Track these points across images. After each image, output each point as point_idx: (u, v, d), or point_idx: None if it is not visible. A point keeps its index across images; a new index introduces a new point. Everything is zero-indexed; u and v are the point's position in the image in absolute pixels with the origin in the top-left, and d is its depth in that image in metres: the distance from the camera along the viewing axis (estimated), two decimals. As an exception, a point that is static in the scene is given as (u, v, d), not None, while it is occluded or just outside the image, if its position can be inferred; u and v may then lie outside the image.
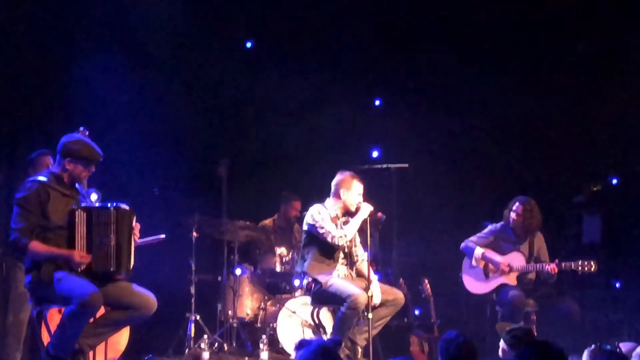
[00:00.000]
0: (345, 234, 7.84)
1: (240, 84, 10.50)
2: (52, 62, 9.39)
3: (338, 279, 7.85)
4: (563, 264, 8.54)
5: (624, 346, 6.53)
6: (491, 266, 8.76)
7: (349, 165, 9.13)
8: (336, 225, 7.92)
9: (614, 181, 11.19)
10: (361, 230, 7.98)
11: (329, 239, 7.81)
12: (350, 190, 7.96)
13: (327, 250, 7.92)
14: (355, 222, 7.91)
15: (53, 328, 6.49)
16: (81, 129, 7.00)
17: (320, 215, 7.91)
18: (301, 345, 5.15)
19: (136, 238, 6.63)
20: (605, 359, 4.49)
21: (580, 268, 8.46)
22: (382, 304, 7.80)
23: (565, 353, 4.33)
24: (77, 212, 6.35)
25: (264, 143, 10.54)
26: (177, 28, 9.92)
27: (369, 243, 7.96)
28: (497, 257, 8.72)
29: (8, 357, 7.51)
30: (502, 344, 6.29)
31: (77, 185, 6.58)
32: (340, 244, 7.84)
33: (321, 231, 7.85)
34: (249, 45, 10.84)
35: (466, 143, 10.77)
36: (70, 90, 9.43)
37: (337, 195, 8.00)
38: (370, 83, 10.96)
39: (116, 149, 9.07)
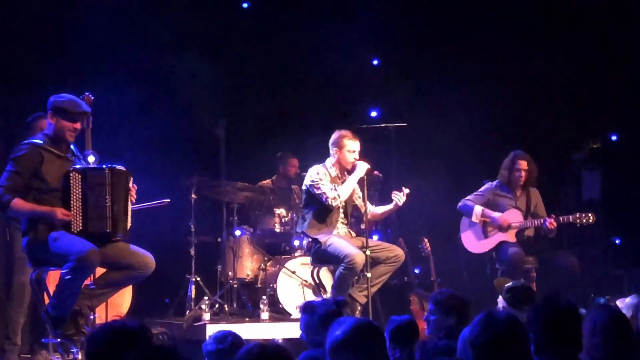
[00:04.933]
0: (338, 194, 7.83)
1: (239, 44, 10.47)
2: (50, 27, 9.38)
3: (337, 238, 7.87)
4: (561, 218, 8.55)
5: (620, 302, 6.54)
6: (490, 224, 8.76)
7: (348, 125, 9.13)
8: (335, 185, 7.91)
9: (614, 137, 11.16)
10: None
11: (323, 200, 7.82)
12: (343, 149, 7.94)
13: (326, 211, 7.93)
14: (350, 182, 7.90)
15: (52, 290, 6.52)
16: (87, 94, 6.99)
17: (318, 176, 7.90)
18: (306, 308, 5.19)
19: (133, 199, 6.63)
20: (596, 313, 4.49)
21: (578, 220, 8.48)
22: (382, 261, 7.82)
23: (577, 308, 4.32)
24: (71, 174, 6.35)
25: (263, 103, 10.51)
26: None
27: (365, 202, 7.94)
28: (495, 214, 8.72)
29: (12, 319, 7.55)
30: (500, 300, 6.31)
31: (73, 147, 6.58)
32: (334, 205, 7.85)
33: (317, 192, 7.86)
34: (245, 5, 10.78)
35: (465, 101, 10.74)
36: (68, 53, 9.42)
37: (333, 155, 8.00)
38: (369, 43, 10.90)
39: (113, 112, 9.08)
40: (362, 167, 7.87)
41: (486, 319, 3.87)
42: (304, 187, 8.09)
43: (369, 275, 7.64)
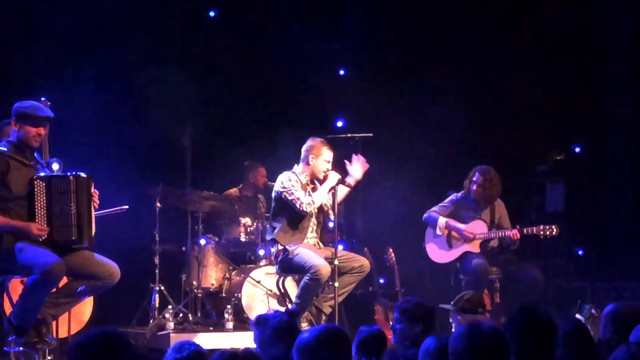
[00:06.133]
0: (313, 200, 7.83)
1: (206, 53, 10.47)
2: (16, 34, 9.35)
3: (304, 248, 7.84)
4: (525, 229, 8.59)
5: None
6: (454, 235, 8.80)
7: (314, 134, 9.15)
8: (305, 192, 7.90)
9: (577, 150, 11.24)
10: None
11: (297, 206, 7.79)
12: (319, 157, 7.93)
13: (297, 219, 7.90)
14: (323, 190, 7.88)
15: (15, 298, 6.47)
16: (43, 99, 6.95)
17: (290, 182, 7.86)
18: (258, 322, 5.16)
19: (95, 205, 6.59)
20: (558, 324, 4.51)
21: (542, 232, 8.52)
22: (347, 271, 7.81)
23: (553, 319, 4.35)
24: (36, 182, 6.31)
25: (229, 112, 10.50)
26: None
27: (336, 212, 7.94)
28: (460, 225, 8.77)
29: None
30: (453, 317, 6.36)
31: (36, 155, 6.53)
32: (307, 211, 7.83)
33: (290, 197, 7.82)
34: (212, 14, 10.78)
35: (430, 112, 10.79)
36: (35, 59, 9.40)
37: (306, 162, 7.97)
38: (335, 53, 10.93)
39: (79, 120, 9.03)
40: (334, 177, 7.87)
41: (471, 330, 3.88)
42: (273, 195, 8.03)
43: (336, 284, 7.63)
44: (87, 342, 3.67)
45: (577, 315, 7.55)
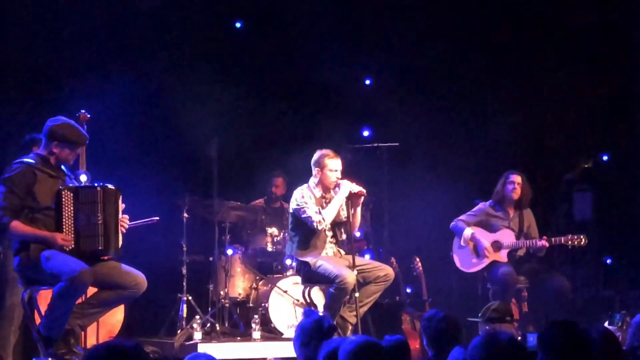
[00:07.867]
0: (323, 218, 7.77)
1: (232, 64, 10.52)
2: (45, 46, 9.45)
3: (326, 258, 7.83)
4: (553, 239, 8.56)
5: None
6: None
7: (340, 144, 9.17)
8: (322, 206, 7.86)
9: (605, 158, 11.18)
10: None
11: (309, 224, 7.79)
12: (324, 169, 7.86)
13: (313, 233, 7.86)
14: (334, 204, 7.81)
15: (44, 310, 6.50)
16: (83, 111, 7.01)
17: (303, 200, 7.83)
18: (304, 313, 5.26)
19: (124, 225, 6.63)
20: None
21: (570, 242, 8.49)
22: (372, 281, 7.80)
23: (588, 333, 4.33)
24: (63, 192, 6.36)
25: (255, 123, 10.53)
26: (165, 10, 9.91)
27: (351, 221, 7.83)
28: (484, 240, 8.71)
29: (3, 339, 7.52)
30: (483, 327, 6.34)
31: (64, 167, 6.59)
32: (319, 228, 7.80)
33: (303, 216, 7.80)
34: (238, 25, 10.83)
35: (457, 121, 10.78)
36: (61, 73, 9.48)
37: (315, 175, 7.97)
38: (362, 62, 10.95)
39: (106, 132, 9.10)
40: (346, 187, 7.82)
41: (489, 339, 3.87)
42: (290, 210, 8.04)
43: (357, 295, 7.61)
44: (96, 356, 3.65)
45: (607, 325, 7.51)
